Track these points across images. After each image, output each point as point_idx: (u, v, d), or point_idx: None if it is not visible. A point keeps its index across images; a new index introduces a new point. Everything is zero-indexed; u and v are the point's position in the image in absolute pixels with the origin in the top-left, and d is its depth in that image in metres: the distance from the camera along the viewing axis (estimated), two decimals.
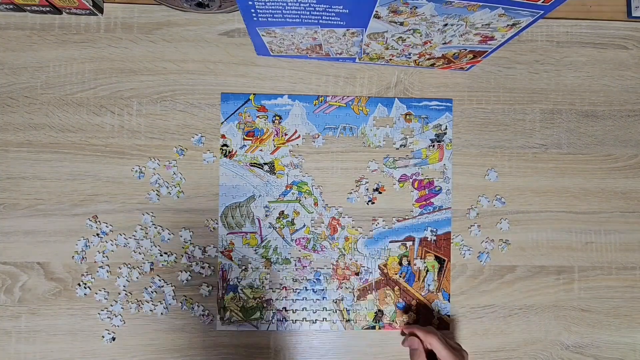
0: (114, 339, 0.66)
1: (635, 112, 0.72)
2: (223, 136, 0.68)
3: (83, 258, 0.66)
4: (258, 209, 0.68)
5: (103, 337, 0.66)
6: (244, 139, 0.68)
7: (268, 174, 0.68)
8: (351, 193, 0.69)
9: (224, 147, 0.68)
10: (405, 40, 0.59)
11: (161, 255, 0.66)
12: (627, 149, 0.72)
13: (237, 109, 0.68)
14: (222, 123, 0.68)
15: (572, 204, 0.71)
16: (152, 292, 0.66)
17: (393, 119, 0.70)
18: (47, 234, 0.66)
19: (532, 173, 0.71)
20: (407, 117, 0.70)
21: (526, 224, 0.71)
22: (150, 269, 0.66)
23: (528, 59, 0.71)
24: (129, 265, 0.66)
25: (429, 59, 0.66)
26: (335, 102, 0.69)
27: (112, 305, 0.66)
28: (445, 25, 0.54)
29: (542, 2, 0.48)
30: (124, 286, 0.66)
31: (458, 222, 0.70)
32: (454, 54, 0.64)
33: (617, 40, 0.72)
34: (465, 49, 0.62)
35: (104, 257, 0.66)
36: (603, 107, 0.72)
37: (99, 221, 0.67)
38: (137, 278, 0.66)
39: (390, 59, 0.67)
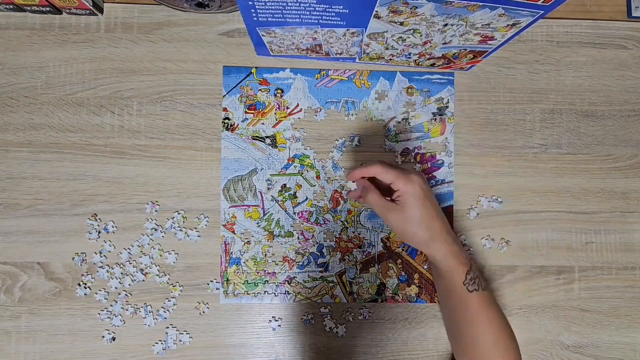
0: (114, 339, 0.66)
1: (635, 112, 0.72)
2: (225, 109, 0.68)
3: (83, 260, 0.66)
4: (260, 182, 0.68)
5: (103, 337, 0.66)
6: (245, 112, 0.69)
7: (270, 147, 0.69)
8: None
9: (226, 121, 0.68)
10: (405, 40, 0.60)
11: (158, 276, 0.67)
12: (627, 149, 0.72)
13: (239, 82, 0.68)
14: (224, 96, 0.68)
15: (572, 204, 0.71)
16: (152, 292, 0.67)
17: (395, 92, 0.70)
18: (47, 234, 0.66)
19: (532, 173, 0.71)
20: (409, 90, 0.70)
21: (526, 224, 0.71)
22: (144, 273, 0.67)
23: (528, 59, 0.71)
24: (121, 266, 0.66)
25: (429, 59, 0.66)
26: (337, 75, 0.69)
27: (112, 305, 0.66)
28: (445, 25, 0.54)
29: (542, 2, 0.48)
30: (118, 287, 0.66)
31: (459, 222, 0.70)
32: (454, 54, 0.64)
33: (617, 40, 0.72)
34: (465, 49, 0.62)
35: (102, 257, 0.66)
36: (603, 107, 0.72)
37: (99, 219, 0.67)
38: (129, 285, 0.66)
39: (390, 59, 0.67)
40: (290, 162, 0.69)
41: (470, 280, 0.57)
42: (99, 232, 0.66)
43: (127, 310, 0.66)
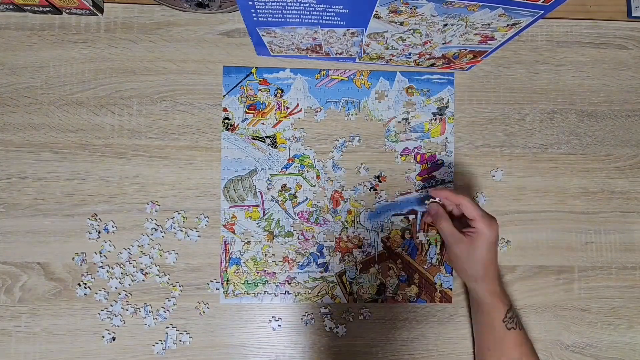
0: (114, 339, 0.66)
1: (635, 112, 0.72)
2: (225, 109, 0.68)
3: (83, 260, 0.66)
4: (260, 182, 0.68)
5: (103, 337, 0.66)
6: (245, 112, 0.69)
7: (270, 147, 0.69)
8: (356, 184, 0.69)
9: (226, 121, 0.68)
10: (405, 40, 0.60)
11: (158, 276, 0.67)
12: (627, 149, 0.72)
13: (239, 82, 0.69)
14: (224, 96, 0.69)
15: (572, 204, 0.71)
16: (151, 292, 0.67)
17: (395, 92, 0.70)
18: (47, 234, 0.66)
19: (532, 173, 0.71)
20: (409, 90, 0.70)
21: (526, 224, 0.71)
22: (144, 273, 0.67)
23: (528, 59, 0.71)
24: (121, 266, 0.66)
25: (429, 59, 0.66)
26: (337, 75, 0.69)
27: (112, 305, 0.66)
28: (445, 25, 0.54)
29: (542, 2, 0.48)
30: (118, 287, 0.66)
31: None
32: (454, 54, 0.64)
33: (617, 40, 0.72)
34: (465, 49, 0.62)
35: (102, 257, 0.66)
36: (603, 107, 0.72)
37: (99, 219, 0.67)
38: (129, 285, 0.66)
39: (390, 59, 0.67)
40: (290, 162, 0.69)
41: (509, 318, 0.61)
42: (99, 232, 0.67)
43: (127, 310, 0.66)
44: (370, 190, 0.69)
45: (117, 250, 0.67)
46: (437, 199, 0.64)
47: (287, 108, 0.69)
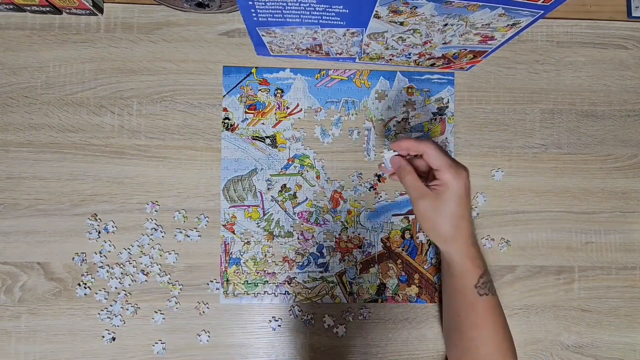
0: (114, 339, 0.66)
1: (635, 112, 0.72)
2: (225, 109, 0.68)
3: (83, 260, 0.66)
4: (260, 182, 0.68)
5: (103, 337, 0.66)
6: (245, 112, 0.69)
7: (270, 147, 0.69)
8: (353, 180, 0.69)
9: (226, 121, 0.68)
10: (405, 40, 0.60)
11: (159, 275, 0.67)
12: (627, 149, 0.72)
13: (239, 82, 0.69)
14: (224, 96, 0.69)
15: (572, 204, 0.71)
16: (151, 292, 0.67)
17: (395, 92, 0.70)
18: (47, 234, 0.66)
19: (532, 173, 0.71)
20: (409, 90, 0.70)
21: (526, 224, 0.71)
22: (145, 273, 0.67)
23: (528, 59, 0.71)
24: (121, 266, 0.66)
25: (429, 59, 0.66)
26: (337, 75, 0.69)
27: (112, 305, 0.66)
28: (445, 25, 0.54)
29: (542, 2, 0.48)
30: (118, 287, 0.66)
31: None
32: (454, 54, 0.64)
33: (617, 40, 0.72)
34: (465, 49, 0.62)
35: (102, 257, 0.66)
36: (603, 107, 0.72)
37: (99, 219, 0.67)
38: (129, 285, 0.66)
39: (390, 59, 0.67)
40: (290, 162, 0.69)
41: (482, 284, 0.56)
42: (99, 232, 0.67)
43: (127, 310, 0.66)
44: (370, 190, 0.69)
45: (117, 250, 0.67)
46: (397, 153, 0.57)
47: (287, 108, 0.69)
